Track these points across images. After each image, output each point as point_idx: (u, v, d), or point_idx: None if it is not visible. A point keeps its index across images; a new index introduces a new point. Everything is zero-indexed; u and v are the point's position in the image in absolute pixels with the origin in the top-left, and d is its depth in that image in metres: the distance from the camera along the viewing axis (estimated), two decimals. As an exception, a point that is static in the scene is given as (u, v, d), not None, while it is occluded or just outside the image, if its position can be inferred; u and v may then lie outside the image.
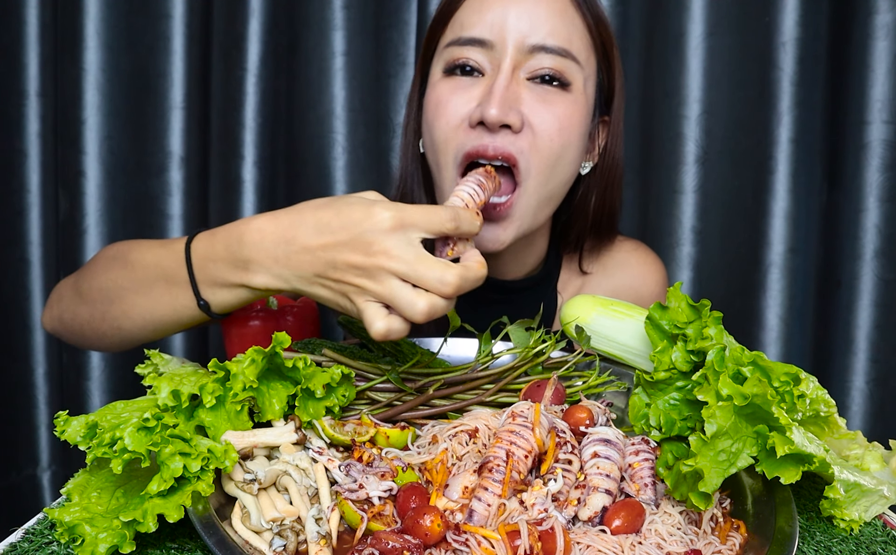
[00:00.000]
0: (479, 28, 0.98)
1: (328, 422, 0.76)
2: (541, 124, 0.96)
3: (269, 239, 0.75)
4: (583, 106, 1.01)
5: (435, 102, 1.01)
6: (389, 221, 0.71)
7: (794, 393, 0.66)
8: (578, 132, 1.01)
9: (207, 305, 0.82)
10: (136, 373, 0.82)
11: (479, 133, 0.96)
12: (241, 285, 0.79)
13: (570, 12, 0.99)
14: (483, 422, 0.73)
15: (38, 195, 1.84)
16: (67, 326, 0.99)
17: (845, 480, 0.71)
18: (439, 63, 1.03)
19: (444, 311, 0.72)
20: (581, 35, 1.00)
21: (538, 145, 0.97)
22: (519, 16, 0.96)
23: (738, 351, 0.70)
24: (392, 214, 0.71)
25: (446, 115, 0.98)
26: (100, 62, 1.77)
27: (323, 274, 0.73)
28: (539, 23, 0.96)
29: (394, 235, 0.70)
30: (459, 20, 1.00)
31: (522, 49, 0.96)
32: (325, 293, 0.75)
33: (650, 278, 1.27)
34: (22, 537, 0.63)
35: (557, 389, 0.79)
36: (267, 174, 1.78)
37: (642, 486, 0.69)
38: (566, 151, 0.99)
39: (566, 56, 0.97)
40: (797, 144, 1.64)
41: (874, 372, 1.64)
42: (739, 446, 0.65)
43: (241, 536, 0.61)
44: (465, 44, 0.98)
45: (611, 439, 0.70)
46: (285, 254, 0.74)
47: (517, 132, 0.95)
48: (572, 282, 1.23)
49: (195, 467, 0.61)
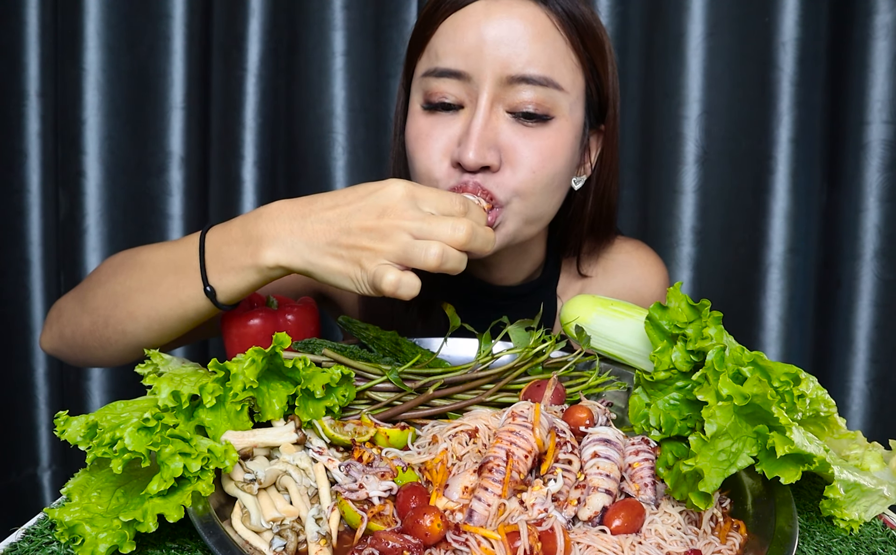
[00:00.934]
0: (453, 58, 0.92)
1: (328, 422, 0.76)
2: (521, 161, 0.93)
3: (286, 212, 0.79)
4: (568, 132, 0.96)
5: (415, 135, 0.98)
6: (402, 189, 0.75)
7: (794, 393, 0.66)
8: (564, 159, 0.96)
9: (214, 291, 0.83)
10: (136, 373, 0.82)
11: (459, 173, 0.94)
12: (251, 266, 0.80)
13: (552, 34, 0.92)
14: (483, 422, 0.74)
15: (39, 195, 1.84)
16: (68, 341, 0.98)
17: (845, 480, 0.71)
18: (417, 92, 0.98)
19: (456, 263, 0.75)
20: (564, 57, 0.93)
21: (519, 178, 0.93)
22: (496, 44, 0.90)
23: (737, 351, 0.70)
24: (405, 184, 0.76)
25: (427, 150, 0.96)
26: (100, 62, 1.77)
27: (336, 241, 0.76)
28: (518, 50, 0.90)
29: (406, 201, 0.75)
30: (434, 48, 0.95)
31: (501, 81, 0.91)
32: (336, 264, 0.77)
33: (651, 280, 1.25)
34: (22, 537, 0.63)
35: (557, 389, 0.79)
36: (267, 174, 1.78)
37: (642, 486, 0.69)
38: (552, 180, 0.96)
39: (548, 85, 0.92)
40: (797, 143, 1.64)
41: (874, 372, 1.64)
42: (739, 446, 0.64)
43: (241, 536, 0.62)
44: (441, 76, 0.93)
45: (611, 438, 0.69)
46: (300, 225, 0.78)
47: (496, 171, 0.93)
48: (572, 286, 1.21)
49: (195, 467, 0.60)
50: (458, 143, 0.93)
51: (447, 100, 0.94)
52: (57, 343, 1.01)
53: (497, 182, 0.93)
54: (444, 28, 0.94)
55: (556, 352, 0.94)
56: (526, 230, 0.99)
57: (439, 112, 0.95)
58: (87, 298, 0.95)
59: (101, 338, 0.93)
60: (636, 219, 1.76)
